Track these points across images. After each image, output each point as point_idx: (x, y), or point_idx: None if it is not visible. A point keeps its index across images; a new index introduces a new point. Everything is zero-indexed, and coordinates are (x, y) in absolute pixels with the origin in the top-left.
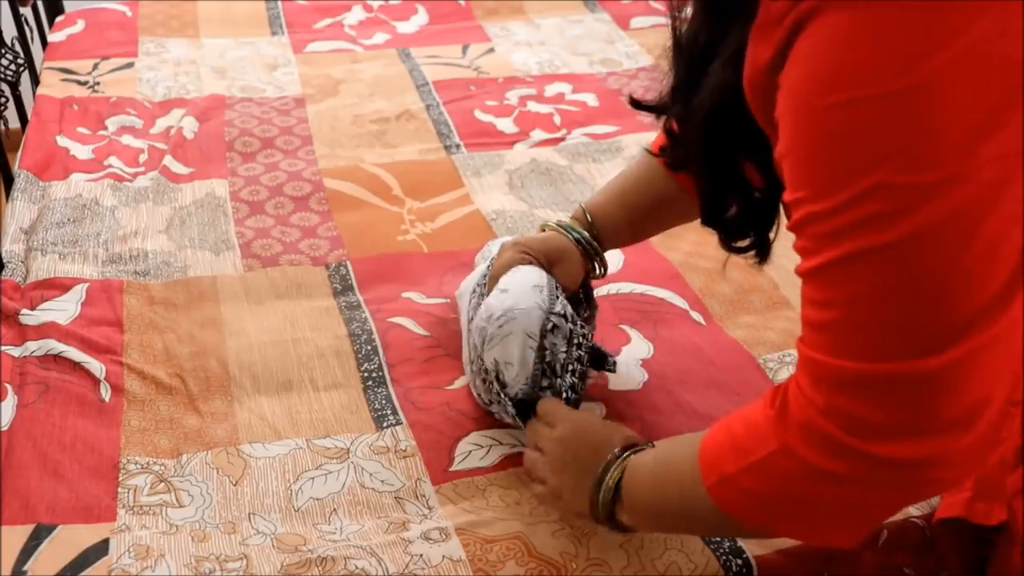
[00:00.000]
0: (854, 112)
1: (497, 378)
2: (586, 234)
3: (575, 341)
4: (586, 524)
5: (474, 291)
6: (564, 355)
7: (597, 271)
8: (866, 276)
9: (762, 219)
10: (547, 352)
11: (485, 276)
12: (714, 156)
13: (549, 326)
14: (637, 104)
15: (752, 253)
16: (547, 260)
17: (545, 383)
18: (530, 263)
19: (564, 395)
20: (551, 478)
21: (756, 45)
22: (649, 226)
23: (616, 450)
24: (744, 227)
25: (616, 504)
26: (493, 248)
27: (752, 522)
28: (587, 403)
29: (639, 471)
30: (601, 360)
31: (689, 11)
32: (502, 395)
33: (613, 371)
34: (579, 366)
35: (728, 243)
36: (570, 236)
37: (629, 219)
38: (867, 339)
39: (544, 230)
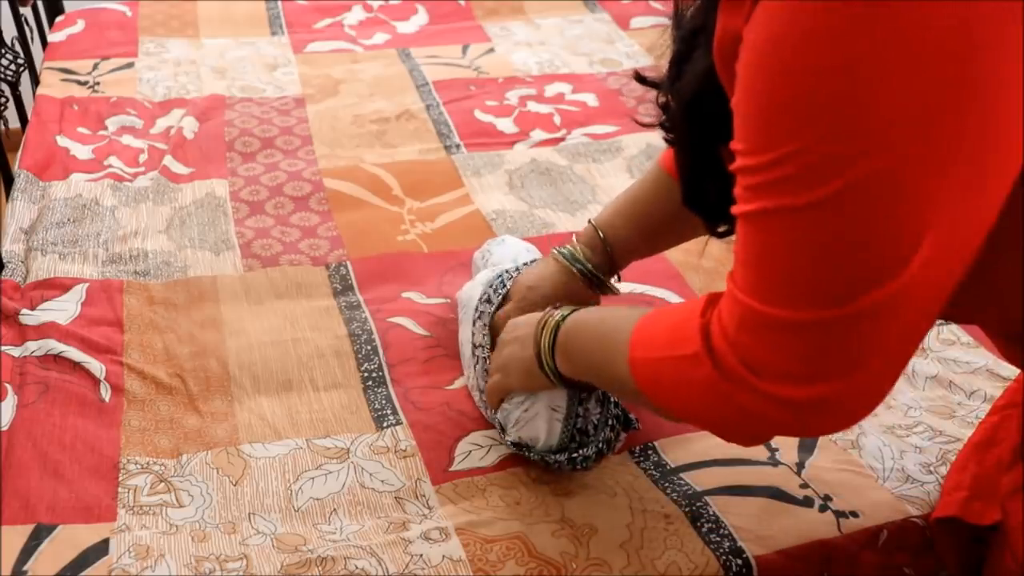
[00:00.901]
0: (791, 78)
1: (525, 446)
2: (589, 266)
3: (611, 399)
4: (534, 382)
5: (478, 313)
6: (598, 416)
7: (612, 291)
8: (777, 231)
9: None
10: (579, 419)
11: (494, 292)
12: (694, 140)
13: (578, 399)
14: (642, 79)
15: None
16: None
17: (574, 445)
18: None
19: (599, 448)
20: (499, 358)
21: (726, 15)
22: (665, 239)
23: (554, 305)
24: (724, 211)
25: (556, 351)
26: (492, 248)
27: (656, 402)
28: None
29: (579, 326)
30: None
31: None
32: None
33: (637, 429)
34: (615, 422)
35: (711, 227)
36: (575, 268)
37: (643, 234)
38: (772, 286)
39: (555, 257)
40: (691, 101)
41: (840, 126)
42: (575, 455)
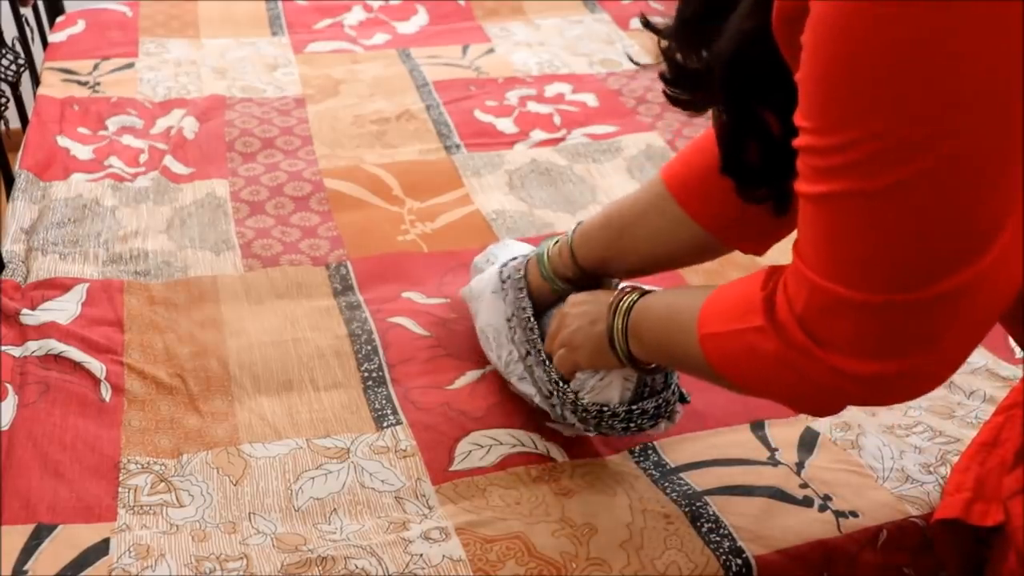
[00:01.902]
0: (867, 57)
1: (591, 413)
2: (558, 282)
3: (673, 371)
4: (603, 360)
5: (504, 291)
6: (662, 383)
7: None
8: (852, 215)
9: (782, 166)
10: (647, 388)
11: (516, 270)
12: (736, 101)
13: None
14: (648, 24)
15: (771, 205)
16: None
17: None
18: None
19: (657, 405)
20: (565, 334)
21: None
22: (650, 266)
23: (621, 285)
24: (763, 174)
25: (628, 334)
26: (496, 252)
27: (727, 376)
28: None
29: (648, 309)
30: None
31: None
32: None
33: (688, 402)
34: (677, 388)
35: (746, 192)
36: (555, 287)
37: (623, 264)
38: (845, 268)
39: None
40: (733, 59)
41: (919, 108)
42: (633, 408)
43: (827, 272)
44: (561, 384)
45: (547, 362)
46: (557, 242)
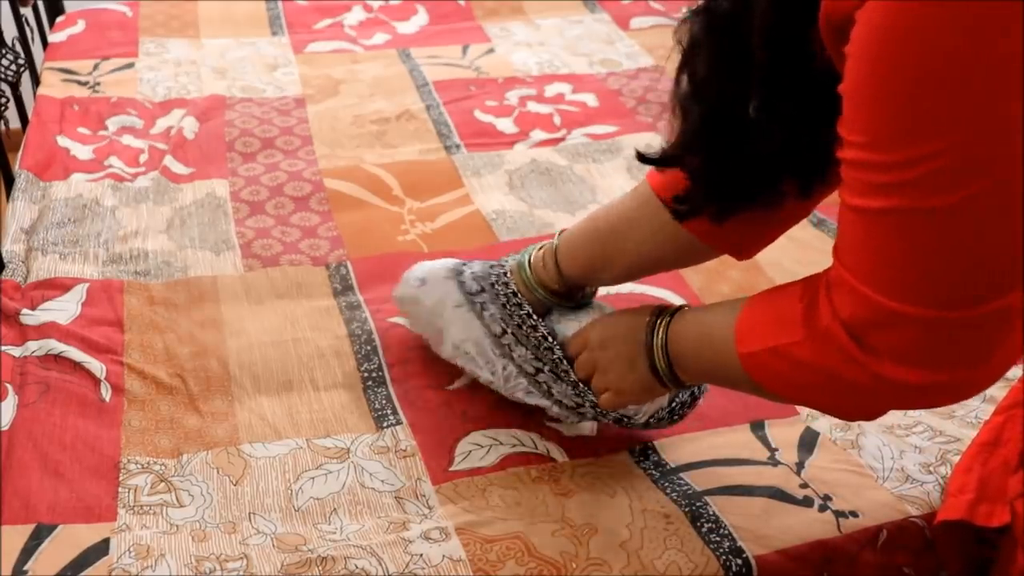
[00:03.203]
0: (933, 74)
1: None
2: (541, 292)
3: None
4: (653, 394)
5: (479, 305)
6: None
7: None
8: (908, 231)
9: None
10: None
11: (493, 284)
12: (774, 73)
13: None
14: (644, 158)
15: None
16: None
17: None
18: None
19: (672, 408)
20: (608, 379)
21: None
22: (626, 267)
23: (647, 318)
24: (749, 197)
25: (673, 369)
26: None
27: (773, 390)
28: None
29: (682, 337)
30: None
31: None
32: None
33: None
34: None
35: (723, 216)
36: (535, 296)
37: (605, 256)
38: (898, 282)
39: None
40: (772, 26)
41: (985, 127)
42: (674, 402)
43: (878, 285)
44: (590, 396)
45: (567, 373)
46: (541, 248)
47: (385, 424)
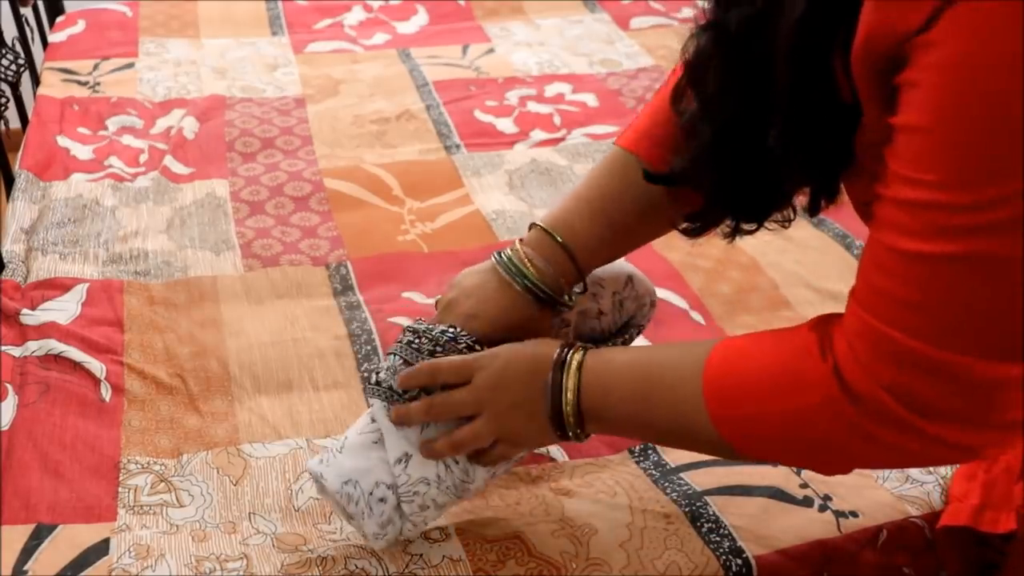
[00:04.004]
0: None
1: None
2: (537, 282)
3: None
4: (545, 440)
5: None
6: None
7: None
8: (987, 278)
9: (776, 195)
10: None
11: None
12: (795, 99)
13: None
14: (653, 176)
15: (807, 203)
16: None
17: None
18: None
19: None
20: (495, 425)
21: (882, 9)
22: (634, 237)
23: (554, 353)
24: (760, 207)
25: (584, 419)
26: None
27: (758, 456)
28: None
29: (606, 374)
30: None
31: None
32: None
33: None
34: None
35: (786, 180)
36: (517, 283)
37: (611, 234)
38: (958, 332)
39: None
40: (792, 51)
41: None
42: None
43: (939, 339)
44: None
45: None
46: (516, 256)
47: None
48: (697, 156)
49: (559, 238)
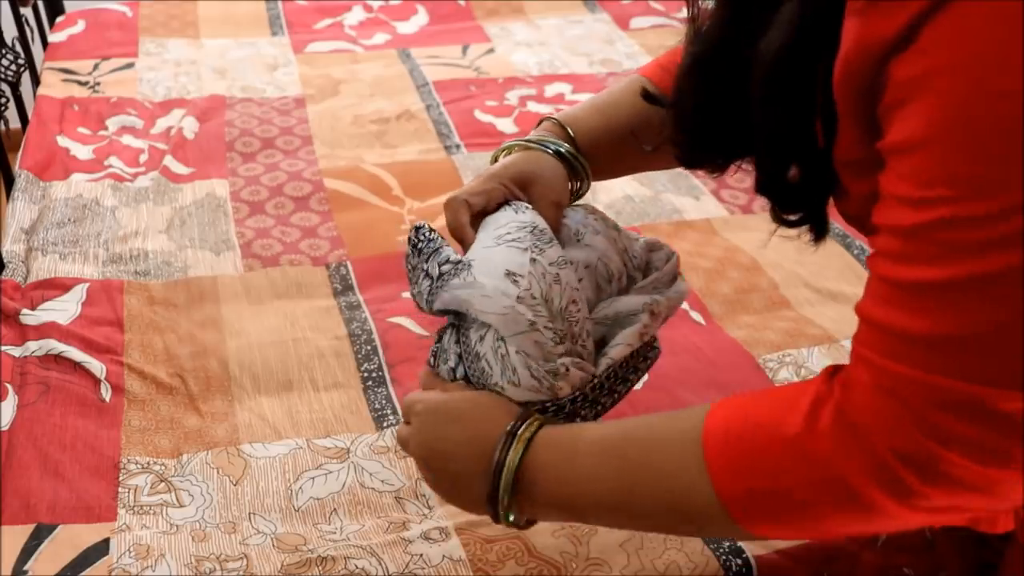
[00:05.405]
0: None
1: None
2: (565, 144)
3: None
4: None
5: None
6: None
7: (581, 187)
8: (1015, 297)
9: (823, 185)
10: None
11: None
12: (781, 103)
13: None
14: (650, 96)
15: (807, 229)
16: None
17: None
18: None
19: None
20: (438, 488)
21: (869, 18)
22: (634, 156)
23: (510, 425)
24: (804, 194)
25: (518, 489)
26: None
27: (776, 535)
28: None
29: (568, 450)
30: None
31: None
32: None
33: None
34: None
35: (782, 215)
36: (548, 151)
37: (610, 137)
38: (1004, 367)
39: (510, 151)
40: (779, 60)
41: None
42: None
43: (971, 374)
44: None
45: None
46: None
47: (385, 424)
48: (678, 78)
49: (567, 128)
